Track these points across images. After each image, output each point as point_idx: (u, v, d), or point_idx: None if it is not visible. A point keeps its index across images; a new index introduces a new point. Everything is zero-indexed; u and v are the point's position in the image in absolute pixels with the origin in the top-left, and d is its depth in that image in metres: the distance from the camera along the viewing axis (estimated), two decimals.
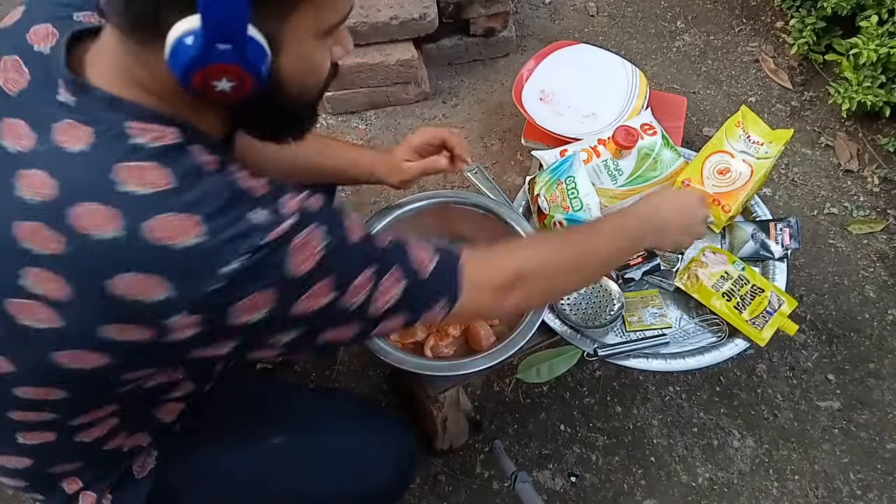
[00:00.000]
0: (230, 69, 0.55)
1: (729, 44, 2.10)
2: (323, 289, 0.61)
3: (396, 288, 0.68)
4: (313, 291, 0.61)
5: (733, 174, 1.21)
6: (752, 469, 1.37)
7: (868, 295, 1.58)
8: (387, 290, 0.67)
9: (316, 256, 0.60)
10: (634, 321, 1.10)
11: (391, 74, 1.85)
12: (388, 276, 0.67)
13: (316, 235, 0.60)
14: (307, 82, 0.65)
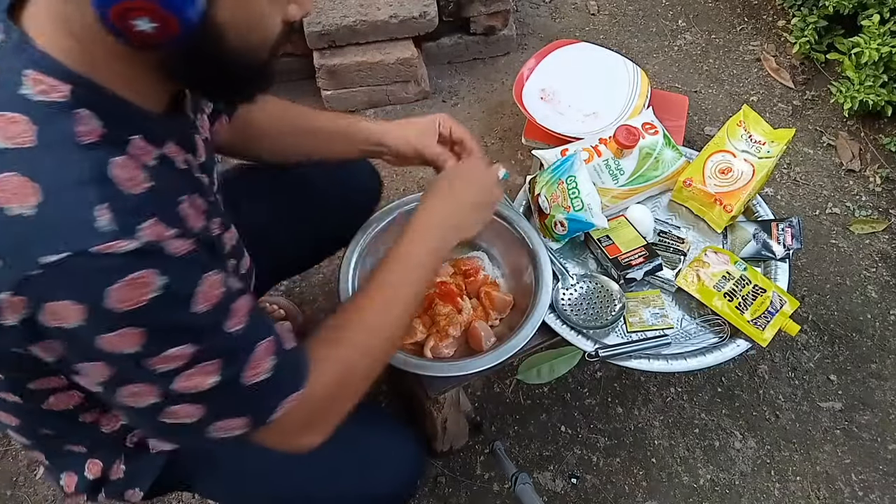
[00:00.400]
0: (148, 6, 0.51)
1: (730, 43, 2.09)
2: (132, 336, 0.56)
3: (207, 379, 0.61)
4: (122, 333, 0.55)
5: (735, 174, 1.20)
6: (753, 470, 1.36)
7: (870, 295, 1.58)
8: (196, 375, 0.61)
9: (139, 303, 0.54)
10: (636, 321, 1.09)
11: (391, 73, 1.84)
12: (208, 364, 0.61)
13: (151, 281, 0.54)
14: (251, 38, 0.60)
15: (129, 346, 0.56)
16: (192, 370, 0.60)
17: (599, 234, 1.14)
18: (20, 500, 1.34)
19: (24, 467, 1.38)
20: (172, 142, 0.67)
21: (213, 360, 0.61)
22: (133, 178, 0.57)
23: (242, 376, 0.64)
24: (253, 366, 0.64)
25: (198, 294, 0.58)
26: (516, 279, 1.16)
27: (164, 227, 0.56)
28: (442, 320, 1.09)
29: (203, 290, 0.59)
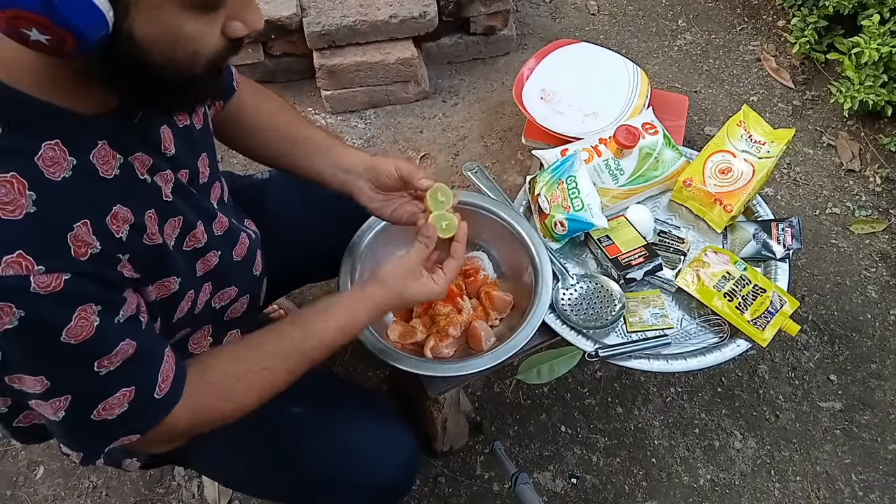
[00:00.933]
0: (36, 19, 0.48)
1: (730, 43, 2.09)
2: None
3: (53, 412, 0.64)
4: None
5: (735, 174, 1.20)
6: (753, 470, 1.36)
7: (870, 295, 1.58)
8: (44, 406, 0.64)
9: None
10: (636, 321, 1.09)
11: (391, 73, 1.84)
12: (58, 399, 0.63)
13: (8, 312, 0.55)
14: (176, 55, 0.58)
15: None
16: (42, 400, 0.63)
17: (599, 234, 1.14)
18: (20, 500, 1.34)
19: (24, 467, 1.38)
20: (106, 143, 0.65)
21: (63, 395, 0.63)
22: (13, 202, 0.55)
23: (91, 413, 0.65)
24: (104, 407, 0.66)
25: (66, 329, 0.59)
26: (516, 279, 1.16)
27: (30, 262, 0.55)
28: (442, 320, 1.09)
29: (72, 327, 0.59)
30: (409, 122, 1.91)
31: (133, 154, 0.69)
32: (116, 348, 0.64)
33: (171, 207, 0.74)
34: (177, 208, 0.75)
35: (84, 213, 0.61)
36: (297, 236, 1.07)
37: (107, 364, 0.64)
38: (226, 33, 0.61)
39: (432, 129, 1.90)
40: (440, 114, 1.93)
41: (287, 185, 1.11)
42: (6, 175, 0.55)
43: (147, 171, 0.71)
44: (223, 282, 0.85)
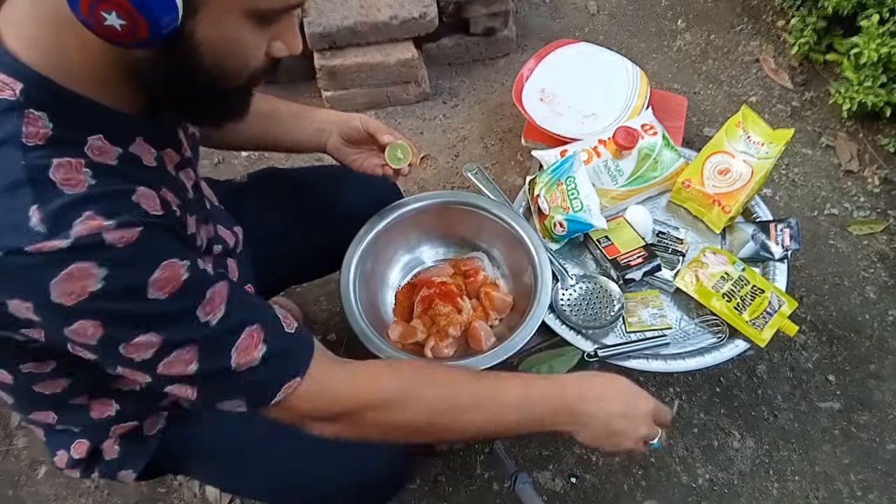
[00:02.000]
0: (121, 2, 0.50)
1: (730, 43, 2.09)
2: (89, 328, 0.57)
3: (187, 367, 0.62)
4: (78, 327, 0.57)
5: (734, 174, 1.20)
6: (752, 470, 1.36)
7: (868, 296, 1.58)
8: (174, 364, 0.62)
9: (83, 295, 0.55)
10: (634, 322, 1.10)
11: (391, 74, 1.84)
12: (183, 351, 0.62)
13: (90, 273, 0.55)
14: (227, 62, 0.59)
15: (93, 336, 0.58)
16: (169, 357, 0.61)
17: (598, 234, 1.15)
18: (22, 500, 1.34)
19: (25, 467, 1.38)
20: (142, 139, 0.66)
21: (187, 347, 0.61)
22: (74, 178, 0.57)
23: (231, 363, 0.64)
24: (240, 353, 0.64)
25: (153, 282, 0.58)
26: (516, 279, 1.17)
27: (102, 219, 0.55)
28: (442, 320, 1.10)
29: (159, 278, 0.58)
30: (410, 124, 1.91)
31: (164, 150, 0.71)
32: (210, 292, 0.63)
33: (192, 204, 0.76)
34: (194, 207, 0.77)
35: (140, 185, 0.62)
36: (280, 237, 1.08)
37: (209, 311, 0.63)
38: (268, 52, 0.63)
39: (432, 131, 1.90)
40: (440, 115, 1.93)
41: (266, 188, 1.12)
42: (62, 159, 0.57)
43: (174, 167, 0.73)
44: None
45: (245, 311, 0.67)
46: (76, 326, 0.57)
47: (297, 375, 0.68)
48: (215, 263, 0.88)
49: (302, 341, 0.71)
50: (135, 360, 0.61)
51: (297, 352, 0.70)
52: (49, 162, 0.56)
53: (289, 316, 0.72)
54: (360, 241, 1.11)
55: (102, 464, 0.88)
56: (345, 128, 1.02)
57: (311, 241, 1.10)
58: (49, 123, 0.57)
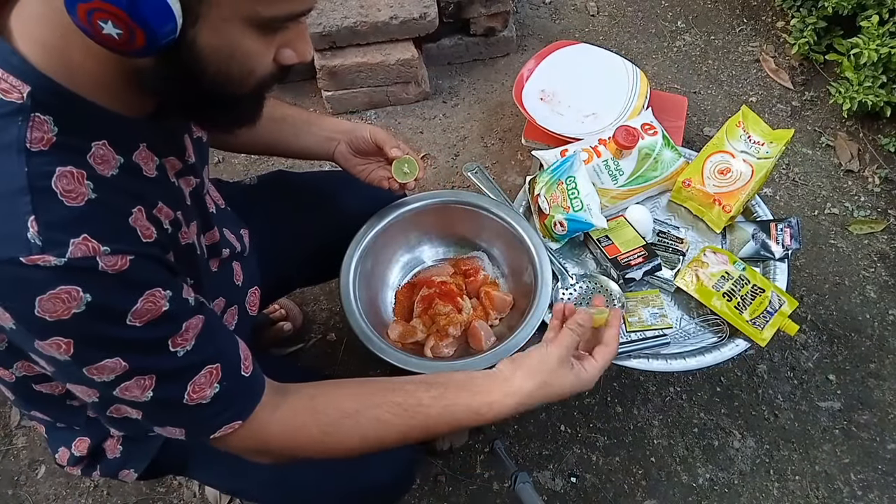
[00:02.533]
0: (116, 12, 0.50)
1: (730, 43, 2.09)
2: (61, 345, 0.58)
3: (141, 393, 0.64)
4: (51, 342, 0.58)
5: (734, 174, 1.20)
6: (752, 469, 1.36)
7: (869, 295, 1.58)
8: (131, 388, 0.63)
9: (64, 315, 0.56)
10: (635, 321, 1.10)
11: (391, 74, 1.85)
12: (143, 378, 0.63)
13: (75, 296, 0.55)
14: (231, 70, 0.59)
15: (61, 353, 0.59)
16: (128, 382, 0.62)
17: (599, 234, 1.15)
18: (21, 500, 1.34)
19: (25, 466, 1.38)
20: (145, 146, 0.66)
21: (147, 375, 0.63)
22: (75, 190, 0.57)
23: (182, 396, 0.66)
24: (194, 389, 0.66)
25: (133, 312, 0.59)
26: (516, 279, 1.17)
27: (96, 244, 0.56)
28: (442, 320, 1.10)
29: (140, 308, 0.59)
30: (410, 123, 1.91)
31: (166, 157, 0.71)
32: (185, 324, 0.64)
33: (190, 211, 0.76)
34: (193, 213, 0.77)
35: (137, 202, 0.62)
36: (288, 240, 1.08)
37: (181, 342, 0.64)
38: (277, 59, 0.62)
39: (432, 130, 1.90)
40: (440, 114, 1.93)
41: (275, 190, 1.12)
42: (65, 168, 0.57)
43: (175, 174, 0.73)
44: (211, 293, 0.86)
45: (211, 347, 0.68)
46: (49, 342, 0.57)
47: (239, 419, 0.70)
48: (221, 266, 0.89)
49: (253, 387, 0.72)
50: (95, 380, 0.62)
51: (244, 397, 0.71)
52: (53, 170, 0.56)
53: (249, 357, 0.73)
54: (360, 241, 1.11)
55: (104, 462, 0.89)
56: (353, 137, 1.03)
57: (319, 245, 1.10)
58: (54, 128, 0.57)
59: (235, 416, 0.70)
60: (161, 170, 0.69)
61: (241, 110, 0.67)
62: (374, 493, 0.93)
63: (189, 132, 0.77)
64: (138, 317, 0.59)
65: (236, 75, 0.60)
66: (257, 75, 0.62)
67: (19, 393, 0.78)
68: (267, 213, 1.07)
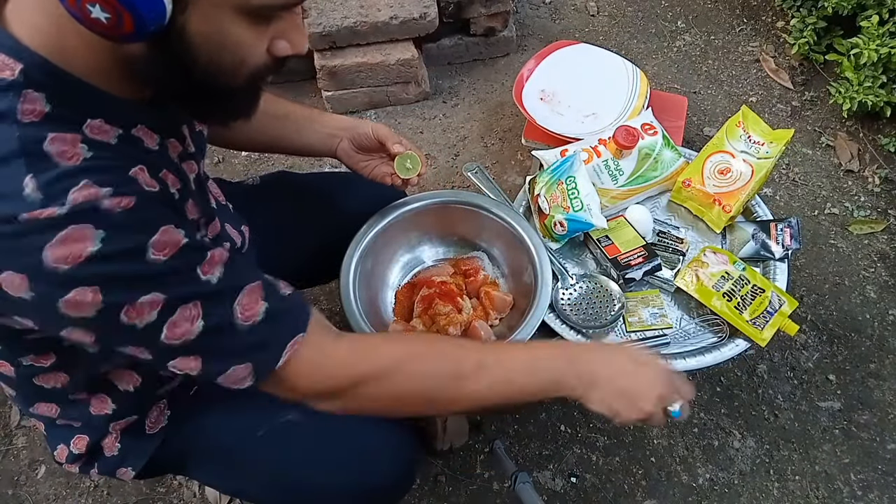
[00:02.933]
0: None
1: (730, 43, 2.09)
2: (88, 295, 0.55)
3: (191, 325, 0.61)
4: (76, 295, 0.55)
5: (734, 174, 1.20)
6: (752, 469, 1.36)
7: (869, 295, 1.58)
8: (179, 323, 0.60)
9: (79, 258, 0.54)
10: (635, 321, 1.10)
11: (391, 74, 1.85)
12: (186, 308, 0.60)
13: (87, 235, 0.54)
14: (223, 59, 0.59)
15: (92, 304, 0.56)
16: (173, 316, 0.60)
17: (599, 234, 1.15)
18: (21, 500, 1.34)
19: (25, 466, 1.38)
20: (144, 126, 0.66)
21: (191, 302, 0.60)
22: (69, 151, 0.56)
23: (234, 319, 0.63)
24: (243, 308, 0.64)
25: (151, 244, 0.57)
26: (516, 279, 1.17)
27: (97, 189, 0.55)
28: (442, 320, 1.10)
29: (158, 240, 0.58)
30: (410, 123, 1.91)
31: (168, 138, 0.71)
32: (209, 253, 0.63)
33: (193, 195, 0.76)
34: (196, 198, 0.76)
35: (138, 163, 0.61)
36: (288, 240, 1.08)
37: (209, 270, 0.62)
38: (271, 50, 0.62)
39: (432, 130, 1.90)
40: (440, 114, 1.93)
41: (277, 190, 1.13)
42: (58, 133, 0.56)
43: (177, 156, 0.73)
44: None
45: (243, 271, 0.67)
46: (73, 295, 0.55)
47: (300, 332, 0.68)
48: None
49: (299, 302, 0.71)
50: (137, 326, 0.59)
51: (295, 310, 0.70)
52: (44, 135, 0.55)
53: (282, 281, 0.72)
54: (360, 241, 1.11)
55: (102, 460, 0.88)
56: (355, 134, 1.03)
57: (319, 245, 1.11)
58: (47, 105, 0.57)
59: (295, 329, 0.68)
60: (163, 146, 0.69)
61: (235, 103, 0.66)
62: (376, 493, 0.92)
63: (188, 123, 0.77)
64: (159, 250, 0.58)
65: (228, 65, 0.59)
66: (249, 66, 0.61)
67: (20, 388, 0.78)
68: (268, 213, 1.07)
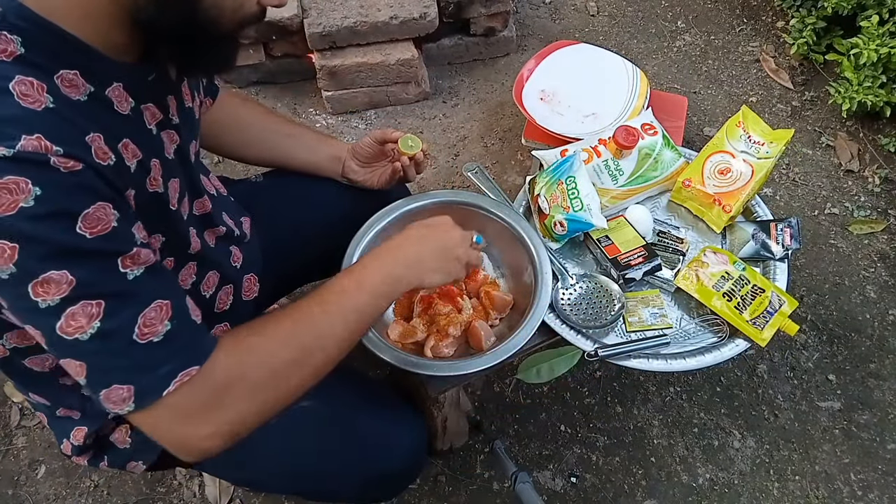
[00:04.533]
0: None
1: (730, 43, 2.10)
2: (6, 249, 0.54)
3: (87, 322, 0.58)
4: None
5: (734, 174, 1.20)
6: (752, 469, 1.36)
7: (869, 295, 1.58)
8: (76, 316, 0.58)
9: (11, 209, 0.53)
10: (635, 321, 1.10)
11: (391, 74, 1.84)
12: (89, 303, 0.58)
13: (22, 188, 0.53)
14: (225, 2, 0.62)
15: (8, 259, 0.54)
16: (74, 307, 0.57)
17: (599, 234, 1.14)
18: (21, 500, 1.34)
19: (25, 466, 1.38)
20: (121, 86, 0.66)
21: (95, 299, 0.58)
22: (33, 96, 0.56)
23: (132, 329, 0.60)
24: (145, 321, 0.61)
25: (83, 216, 0.56)
26: (516, 279, 1.16)
27: (49, 143, 0.54)
28: (442, 320, 1.10)
29: (90, 214, 0.56)
30: (410, 123, 1.91)
31: (145, 103, 0.71)
32: (135, 249, 0.61)
33: (172, 165, 0.75)
34: (175, 169, 0.76)
35: (98, 129, 0.61)
36: (292, 236, 1.10)
37: (130, 264, 0.60)
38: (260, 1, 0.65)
39: (433, 130, 1.90)
40: (440, 114, 1.93)
41: (282, 187, 1.14)
42: (25, 77, 0.56)
43: (156, 123, 0.73)
44: (205, 264, 0.87)
45: (161, 282, 0.64)
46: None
47: (197, 363, 0.64)
48: (218, 242, 0.90)
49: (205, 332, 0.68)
50: (39, 304, 0.57)
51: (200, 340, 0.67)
52: (12, 75, 0.55)
53: (198, 310, 0.69)
54: (360, 240, 1.11)
55: (112, 453, 0.89)
56: (357, 147, 1.09)
57: (322, 241, 1.11)
58: (20, 47, 0.57)
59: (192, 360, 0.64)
60: (136, 112, 0.69)
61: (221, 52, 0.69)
62: (386, 479, 0.94)
63: (176, 94, 0.77)
64: (89, 226, 0.57)
65: (228, 9, 0.63)
66: (244, 12, 0.64)
67: (14, 370, 0.78)
68: (271, 209, 1.09)
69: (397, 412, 0.99)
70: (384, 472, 0.93)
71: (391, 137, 1.07)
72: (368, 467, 0.92)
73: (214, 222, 0.88)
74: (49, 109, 0.57)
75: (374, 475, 0.92)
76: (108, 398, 0.62)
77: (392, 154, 1.11)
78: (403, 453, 0.94)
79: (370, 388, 1.07)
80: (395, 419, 0.97)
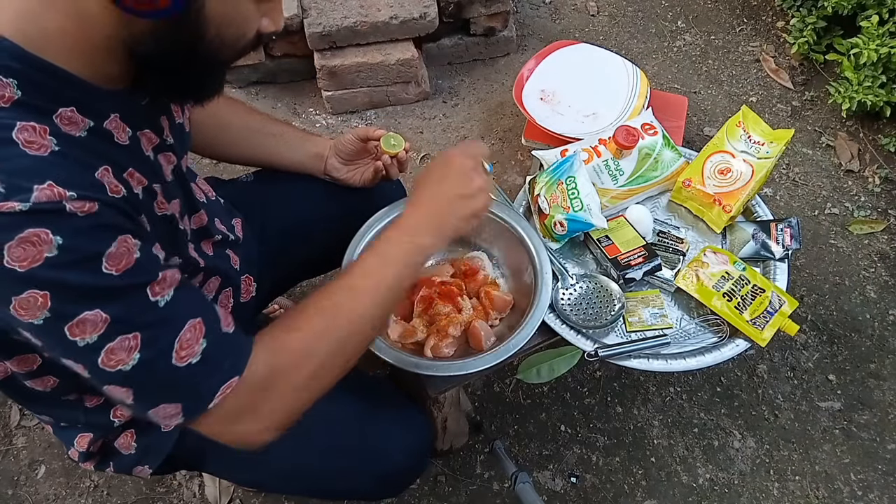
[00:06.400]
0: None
1: (730, 43, 2.09)
2: (38, 298, 0.55)
3: (128, 356, 0.60)
4: (27, 297, 0.55)
5: (734, 174, 1.20)
6: (752, 469, 1.36)
7: (869, 295, 1.58)
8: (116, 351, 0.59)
9: (37, 261, 0.54)
10: (635, 321, 1.10)
11: (391, 74, 1.84)
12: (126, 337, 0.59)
13: (45, 239, 0.54)
14: (227, 33, 0.61)
15: (41, 308, 0.56)
16: (112, 342, 0.59)
17: (599, 234, 1.14)
18: (21, 499, 1.34)
19: (25, 466, 1.38)
20: (117, 117, 0.66)
21: (131, 332, 0.59)
22: (38, 141, 0.56)
23: (170, 357, 0.62)
24: (182, 345, 0.62)
25: (106, 256, 0.57)
26: (516, 279, 1.16)
27: (62, 189, 0.55)
28: (442, 320, 1.10)
29: (113, 253, 0.57)
30: (410, 123, 1.91)
31: (141, 130, 0.71)
32: (161, 273, 0.62)
33: (172, 187, 0.76)
34: (175, 190, 0.77)
35: (104, 162, 0.61)
36: (284, 235, 1.10)
37: (159, 291, 0.61)
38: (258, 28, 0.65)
39: (433, 130, 1.90)
40: (440, 114, 1.93)
41: (272, 186, 1.14)
42: (26, 123, 0.56)
43: (153, 148, 0.73)
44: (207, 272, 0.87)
45: (191, 300, 0.66)
46: (25, 296, 0.55)
47: (236, 374, 0.66)
48: (215, 249, 0.90)
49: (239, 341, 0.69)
50: (78, 343, 0.58)
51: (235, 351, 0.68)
52: (13, 123, 0.55)
53: (229, 316, 0.70)
54: (360, 240, 1.10)
55: (118, 459, 0.89)
56: (338, 144, 1.08)
57: (315, 239, 1.12)
58: (17, 90, 0.56)
59: (231, 372, 0.66)
60: (134, 140, 0.69)
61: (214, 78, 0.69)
62: (391, 476, 0.95)
63: (167, 114, 0.77)
64: (114, 263, 0.57)
65: (230, 40, 0.62)
66: (245, 41, 0.64)
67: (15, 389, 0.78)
68: (261, 209, 1.08)
69: (403, 410, 1.00)
70: (390, 469, 0.93)
71: (374, 135, 1.06)
72: (375, 465, 0.92)
73: (210, 233, 0.88)
74: (55, 153, 0.57)
75: (380, 473, 0.93)
76: (157, 415, 0.65)
77: (375, 152, 1.10)
78: (409, 450, 0.95)
79: (375, 386, 1.07)
80: (402, 417, 0.98)
